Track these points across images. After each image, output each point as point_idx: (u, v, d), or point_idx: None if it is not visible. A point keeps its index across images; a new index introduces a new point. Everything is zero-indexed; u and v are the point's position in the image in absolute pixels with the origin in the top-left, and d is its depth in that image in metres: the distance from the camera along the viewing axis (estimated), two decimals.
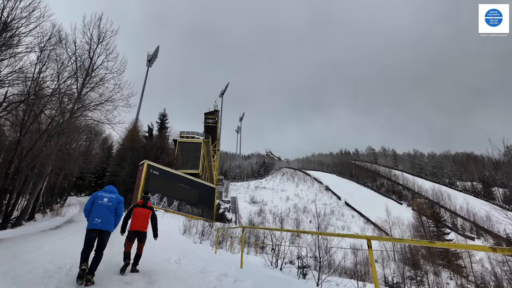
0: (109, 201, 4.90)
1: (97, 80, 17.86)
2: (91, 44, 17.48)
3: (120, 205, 5.05)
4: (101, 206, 4.76)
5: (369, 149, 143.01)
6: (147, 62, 70.89)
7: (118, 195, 5.19)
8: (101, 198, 4.87)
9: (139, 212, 5.66)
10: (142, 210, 5.70)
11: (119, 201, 5.06)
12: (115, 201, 4.98)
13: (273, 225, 45.67)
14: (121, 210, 5.06)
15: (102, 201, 4.83)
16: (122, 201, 5.16)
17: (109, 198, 4.93)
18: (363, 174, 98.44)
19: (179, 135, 43.34)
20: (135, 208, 5.72)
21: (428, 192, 73.06)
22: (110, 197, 4.97)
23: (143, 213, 5.68)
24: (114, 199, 4.98)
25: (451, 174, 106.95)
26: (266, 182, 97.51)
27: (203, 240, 15.47)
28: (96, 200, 4.85)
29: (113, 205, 4.91)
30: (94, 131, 32.87)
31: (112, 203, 4.90)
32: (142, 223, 5.57)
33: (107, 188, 5.22)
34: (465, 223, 58.97)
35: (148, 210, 5.77)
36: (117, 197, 5.09)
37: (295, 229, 46.26)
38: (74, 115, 16.82)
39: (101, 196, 4.92)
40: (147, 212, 5.73)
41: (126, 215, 5.69)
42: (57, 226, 14.01)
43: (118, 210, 4.98)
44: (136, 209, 5.69)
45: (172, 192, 26.82)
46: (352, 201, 69.07)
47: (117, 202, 5.01)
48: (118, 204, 5.01)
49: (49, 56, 13.36)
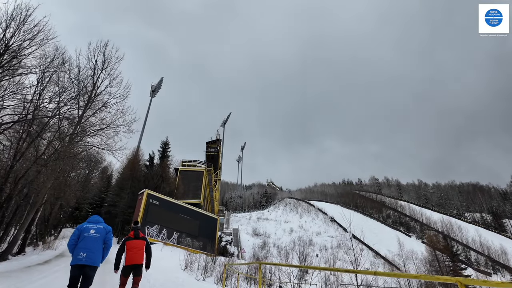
0: (96, 232, 4.54)
1: (99, 105, 17.42)
2: (95, 70, 17.28)
3: (108, 235, 4.70)
4: (88, 239, 4.40)
5: (373, 179, 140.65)
6: (151, 92, 72.01)
7: (105, 224, 4.83)
8: (87, 230, 4.51)
9: (133, 245, 5.31)
10: (135, 242, 5.35)
11: (107, 231, 4.71)
12: (103, 232, 4.62)
13: (278, 259, 43.14)
14: (110, 241, 4.69)
15: (89, 233, 4.47)
16: (110, 230, 4.81)
17: (96, 229, 4.56)
18: (368, 205, 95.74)
19: (180, 163, 42.47)
20: (127, 241, 5.35)
21: (437, 224, 70.30)
22: (97, 228, 4.60)
23: (137, 245, 5.33)
24: (102, 229, 4.62)
25: (458, 205, 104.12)
26: (268, 213, 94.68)
27: (206, 276, 14.01)
28: (82, 233, 4.48)
29: (100, 236, 4.54)
30: (94, 159, 32.11)
31: (100, 234, 4.54)
32: (137, 256, 5.25)
33: (92, 218, 4.84)
34: (479, 257, 56.02)
35: (142, 241, 5.43)
36: (105, 227, 4.74)
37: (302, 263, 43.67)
38: (74, 140, 16.12)
39: (87, 228, 4.55)
40: (141, 243, 5.39)
41: (118, 250, 5.31)
42: (46, 261, 12.71)
43: (106, 240, 4.63)
44: (128, 242, 5.34)
45: (172, 223, 25.36)
46: (359, 233, 66.21)
47: (105, 233, 4.66)
48: (106, 235, 4.65)
49: (50, 79, 12.91)
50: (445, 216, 78.00)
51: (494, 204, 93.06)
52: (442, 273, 32.24)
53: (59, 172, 19.74)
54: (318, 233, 67.85)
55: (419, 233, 70.67)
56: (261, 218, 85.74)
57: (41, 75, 12.29)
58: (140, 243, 5.37)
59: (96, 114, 17.24)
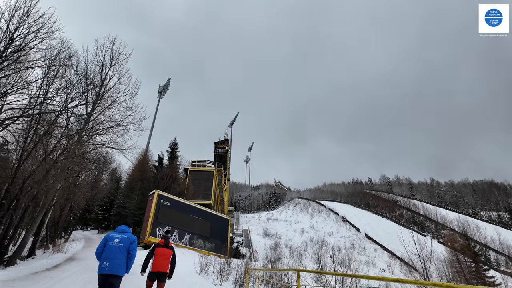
0: (120, 241, 4.59)
1: (108, 103, 16.78)
2: (103, 67, 16.62)
3: (132, 245, 4.70)
4: (111, 248, 4.49)
5: (383, 178, 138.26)
6: (158, 93, 71.81)
7: (131, 234, 4.84)
8: (112, 239, 4.60)
9: (161, 252, 5.53)
10: (164, 250, 5.58)
11: (131, 241, 4.72)
12: (127, 242, 4.64)
13: (291, 260, 42.07)
14: (134, 251, 4.70)
15: (113, 242, 4.56)
16: (135, 241, 4.81)
17: (120, 239, 4.62)
18: (380, 204, 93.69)
19: (190, 163, 41.80)
20: (157, 247, 5.57)
21: (453, 223, 68.16)
22: (122, 237, 4.65)
23: (165, 253, 5.56)
24: (126, 239, 4.66)
25: (473, 203, 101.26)
26: (278, 214, 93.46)
27: (223, 281, 13.17)
28: (107, 241, 4.58)
29: (124, 246, 4.58)
30: (104, 159, 31.68)
31: (123, 244, 4.58)
32: (164, 263, 5.48)
33: (119, 228, 4.90)
34: (499, 256, 53.96)
35: (170, 250, 5.69)
36: (129, 237, 4.74)
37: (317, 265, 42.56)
38: (82, 139, 15.48)
39: (112, 237, 4.64)
40: (168, 252, 5.63)
41: (148, 255, 5.56)
42: (55, 265, 12.04)
43: (130, 251, 4.64)
44: (158, 248, 5.55)
45: (183, 224, 24.59)
46: (372, 233, 64.57)
47: (129, 243, 4.67)
48: (130, 245, 4.67)
49: (57, 73, 12.25)
50: (462, 215, 75.72)
51: (511, 202, 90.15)
52: (464, 275, 30.81)
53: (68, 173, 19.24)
54: (330, 234, 66.37)
55: (434, 233, 68.61)
56: (271, 219, 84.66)
57: (47, 69, 11.64)
58: (168, 252, 5.61)
59: (105, 112, 16.61)
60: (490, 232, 60.28)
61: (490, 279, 30.80)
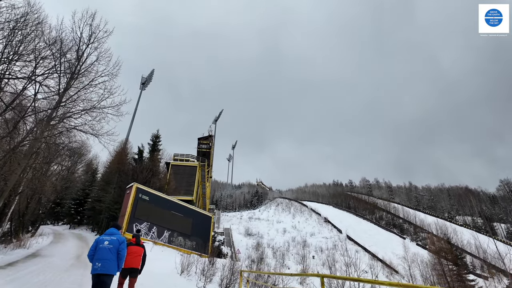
0: (110, 243, 4.89)
1: (84, 84, 14.99)
2: (80, 44, 14.81)
3: (121, 245, 4.99)
4: (102, 249, 4.79)
5: (363, 180, 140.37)
6: (141, 85, 68.82)
7: (120, 236, 5.12)
8: (102, 241, 4.89)
9: (133, 250, 5.84)
10: (135, 248, 5.91)
11: (120, 242, 5.00)
12: (116, 243, 4.94)
13: (273, 260, 41.04)
14: (123, 251, 4.99)
15: (103, 244, 4.85)
16: (124, 241, 5.11)
17: (110, 241, 4.91)
18: (360, 206, 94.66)
19: (172, 157, 39.91)
20: (129, 246, 5.75)
21: (431, 226, 69.53)
22: (111, 239, 4.95)
23: (137, 250, 5.91)
24: (115, 241, 4.96)
25: (448, 207, 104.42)
26: (259, 213, 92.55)
27: (207, 282, 11.84)
28: (98, 244, 4.87)
29: (114, 247, 4.88)
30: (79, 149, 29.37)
31: (113, 245, 4.89)
32: (135, 260, 5.80)
33: (108, 231, 5.18)
34: (475, 260, 55.34)
35: (141, 248, 6.04)
36: (118, 238, 5.04)
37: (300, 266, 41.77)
38: (52, 120, 13.65)
39: (102, 239, 4.93)
40: (140, 250, 5.98)
41: None
42: (10, 263, 10.26)
43: (120, 251, 4.93)
44: (130, 247, 5.78)
45: (163, 221, 22.95)
46: (354, 235, 64.72)
47: (119, 244, 4.97)
48: (119, 245, 4.96)
49: (22, 39, 10.49)
50: (440, 220, 77.54)
51: (483, 208, 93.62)
52: (445, 278, 30.90)
53: (36, 159, 17.21)
54: (312, 234, 66.08)
55: (413, 235, 69.87)
56: (252, 218, 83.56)
57: (10, 32, 9.89)
58: (139, 250, 5.95)
59: (81, 93, 14.81)
60: (467, 236, 61.84)
61: (471, 283, 31.05)
